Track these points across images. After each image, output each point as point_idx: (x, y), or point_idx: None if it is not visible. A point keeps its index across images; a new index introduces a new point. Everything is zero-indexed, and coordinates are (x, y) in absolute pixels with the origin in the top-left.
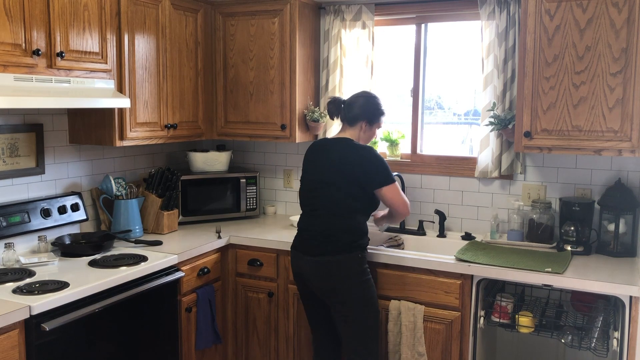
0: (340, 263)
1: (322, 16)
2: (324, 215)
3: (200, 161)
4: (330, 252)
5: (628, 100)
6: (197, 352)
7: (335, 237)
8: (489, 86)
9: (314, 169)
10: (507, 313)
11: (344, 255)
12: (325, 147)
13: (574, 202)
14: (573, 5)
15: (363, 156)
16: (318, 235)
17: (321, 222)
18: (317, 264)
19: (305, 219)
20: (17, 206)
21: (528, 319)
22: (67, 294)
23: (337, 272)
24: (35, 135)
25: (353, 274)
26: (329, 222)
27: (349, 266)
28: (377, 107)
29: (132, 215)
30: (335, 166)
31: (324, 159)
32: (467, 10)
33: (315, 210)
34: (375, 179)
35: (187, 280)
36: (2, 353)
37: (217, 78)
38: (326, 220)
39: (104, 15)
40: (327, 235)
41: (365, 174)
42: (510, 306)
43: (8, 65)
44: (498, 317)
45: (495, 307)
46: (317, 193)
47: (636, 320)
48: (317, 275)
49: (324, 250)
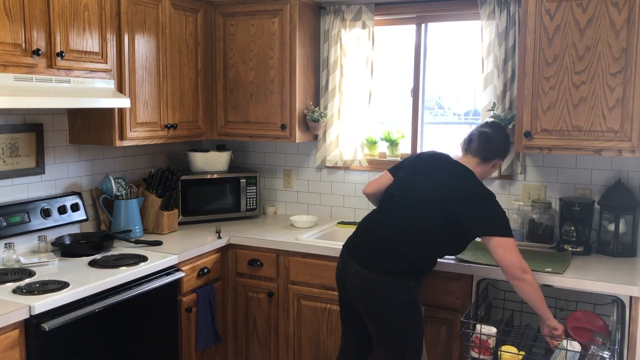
0: (387, 285)
1: (322, 16)
2: (400, 228)
3: (200, 161)
4: (383, 270)
5: (628, 100)
6: (197, 352)
7: (398, 256)
8: (489, 86)
9: (421, 177)
10: (489, 348)
11: (394, 279)
12: (444, 166)
13: (574, 202)
14: (573, 5)
15: (481, 198)
16: (380, 245)
17: (392, 232)
18: (364, 278)
19: (374, 219)
20: (17, 206)
21: (512, 356)
22: (67, 294)
23: (381, 294)
24: (35, 135)
25: (399, 301)
26: (402, 238)
27: (395, 292)
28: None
29: (132, 215)
30: (444, 190)
31: (438, 175)
32: (467, 10)
33: (388, 219)
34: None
35: (187, 280)
36: (2, 353)
37: (217, 78)
38: (399, 234)
39: (104, 15)
40: (391, 249)
41: (477, 215)
42: (492, 340)
43: (8, 65)
44: (478, 353)
45: (474, 341)
46: (407, 202)
47: (636, 320)
48: (360, 290)
49: (378, 265)
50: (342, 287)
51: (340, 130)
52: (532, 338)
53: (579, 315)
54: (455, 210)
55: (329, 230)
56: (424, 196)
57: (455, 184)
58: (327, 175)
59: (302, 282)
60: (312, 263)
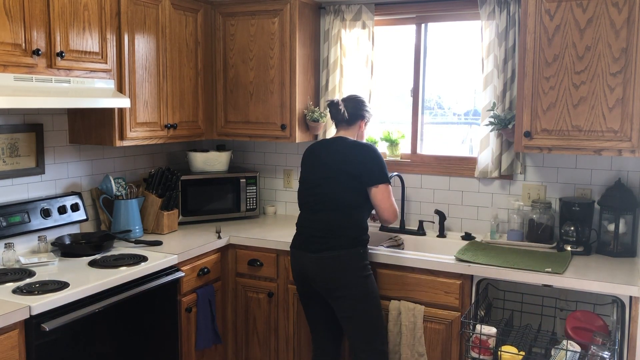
0: (341, 258)
1: (322, 16)
2: (324, 212)
3: (200, 161)
4: (331, 248)
5: (628, 100)
6: (197, 352)
7: (336, 233)
8: (489, 86)
9: (313, 167)
10: (489, 348)
11: (345, 250)
12: (324, 146)
13: (574, 202)
14: (573, 5)
15: (364, 153)
16: (319, 232)
17: (321, 219)
18: (319, 260)
19: (305, 216)
20: (17, 206)
21: (512, 356)
22: (67, 294)
23: (339, 267)
24: (35, 135)
25: (354, 269)
26: (329, 218)
27: (350, 261)
28: (368, 106)
29: (132, 215)
30: (336, 163)
31: (324, 157)
32: (467, 10)
33: (315, 207)
34: (371, 176)
35: (187, 280)
36: (2, 353)
37: (217, 78)
38: (326, 217)
39: (104, 15)
40: (328, 231)
41: (365, 170)
42: (492, 340)
43: (8, 65)
44: (478, 353)
45: (474, 341)
46: (317, 190)
47: (636, 321)
48: (319, 272)
49: (325, 246)
50: (302, 280)
51: None
52: (532, 338)
53: (579, 315)
54: (353, 172)
55: None
56: (325, 177)
57: (342, 152)
58: None
59: None
60: None
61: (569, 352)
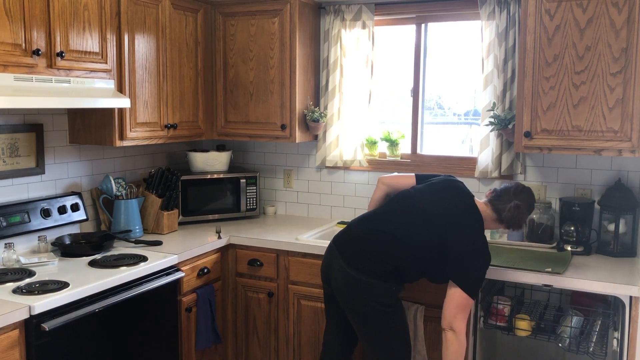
0: (366, 285)
1: (322, 16)
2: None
3: (200, 161)
4: (364, 271)
5: (628, 100)
6: (197, 352)
7: (383, 260)
8: (489, 86)
9: (425, 192)
10: (505, 316)
11: (376, 280)
12: (450, 186)
13: (574, 202)
14: (573, 5)
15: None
16: (366, 248)
17: (383, 237)
18: (346, 274)
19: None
20: (17, 206)
21: (525, 322)
22: (67, 294)
23: (362, 293)
24: (35, 135)
25: (376, 302)
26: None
27: (374, 292)
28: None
29: (132, 215)
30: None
31: (441, 196)
32: (467, 10)
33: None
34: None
35: (187, 280)
36: (2, 353)
37: (217, 78)
38: (389, 240)
39: (104, 15)
40: (375, 255)
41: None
42: (507, 309)
43: (8, 65)
44: (495, 320)
45: (492, 309)
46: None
47: (636, 321)
48: (341, 285)
49: (360, 266)
50: (326, 280)
51: (340, 130)
52: (541, 309)
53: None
54: (448, 243)
55: (329, 230)
56: (426, 216)
57: (460, 221)
58: (327, 175)
59: (302, 282)
60: (312, 263)
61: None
